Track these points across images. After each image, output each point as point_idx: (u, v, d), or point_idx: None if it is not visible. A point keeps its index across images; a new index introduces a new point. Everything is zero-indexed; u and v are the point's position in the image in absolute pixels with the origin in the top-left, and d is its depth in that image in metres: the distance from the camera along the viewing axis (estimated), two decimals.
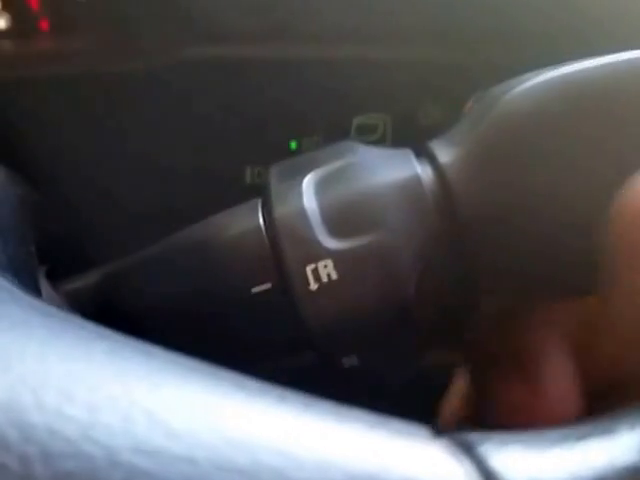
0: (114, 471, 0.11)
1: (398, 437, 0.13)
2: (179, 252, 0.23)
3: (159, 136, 0.34)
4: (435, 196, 0.21)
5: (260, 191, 0.23)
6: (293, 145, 0.34)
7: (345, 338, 0.21)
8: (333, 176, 0.22)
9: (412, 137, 0.26)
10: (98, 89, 0.33)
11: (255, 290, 0.21)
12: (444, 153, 0.21)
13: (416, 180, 0.21)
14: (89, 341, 0.14)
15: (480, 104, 0.22)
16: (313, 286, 0.20)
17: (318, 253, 0.20)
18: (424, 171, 0.21)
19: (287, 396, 0.14)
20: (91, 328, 0.15)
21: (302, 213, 0.21)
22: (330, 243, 0.20)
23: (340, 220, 0.21)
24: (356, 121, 0.35)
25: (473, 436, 0.14)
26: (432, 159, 0.22)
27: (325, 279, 0.20)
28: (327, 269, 0.20)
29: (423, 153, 0.22)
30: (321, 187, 0.21)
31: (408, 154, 0.22)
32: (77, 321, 0.15)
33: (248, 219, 0.22)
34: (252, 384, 0.14)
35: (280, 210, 0.21)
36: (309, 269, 0.20)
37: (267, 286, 0.21)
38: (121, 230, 0.34)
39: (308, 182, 0.22)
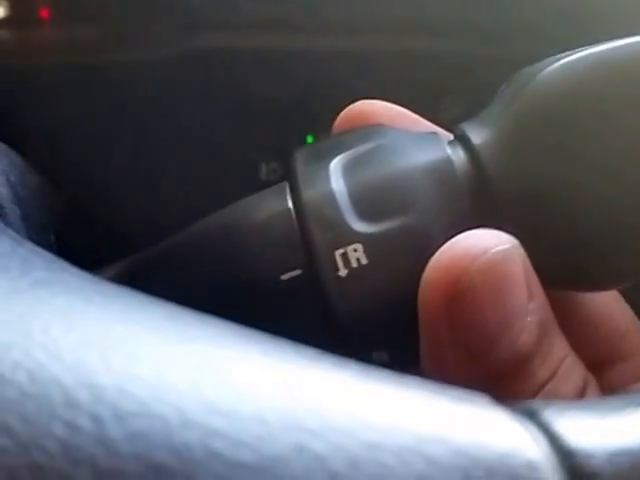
0: (188, 431, 0.11)
1: (462, 403, 0.13)
2: (205, 239, 0.22)
3: (167, 131, 0.33)
4: (468, 178, 0.20)
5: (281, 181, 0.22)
6: (310, 140, 0.34)
7: (375, 325, 0.20)
8: (362, 159, 0.21)
9: None
10: (99, 79, 0.33)
11: (285, 277, 0.20)
12: (477, 134, 0.21)
13: (448, 162, 0.21)
14: (146, 306, 0.14)
15: (514, 84, 0.22)
16: (342, 271, 0.20)
17: (347, 237, 0.20)
18: (455, 153, 0.21)
19: (347, 363, 0.14)
20: (143, 296, 0.15)
21: (331, 196, 0.20)
22: (360, 226, 0.20)
23: (370, 203, 0.20)
24: None
25: (534, 403, 0.13)
26: (464, 140, 0.21)
27: (355, 264, 0.20)
28: (357, 253, 0.20)
29: (454, 135, 0.22)
30: (349, 170, 0.21)
31: (438, 136, 0.22)
32: (129, 290, 0.15)
33: (276, 203, 0.21)
34: (309, 351, 0.14)
35: (308, 193, 0.20)
36: (338, 254, 0.20)
37: (297, 272, 0.20)
38: (134, 226, 0.34)
39: (335, 165, 0.21)
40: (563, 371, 0.19)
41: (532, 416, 0.13)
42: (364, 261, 0.20)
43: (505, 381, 0.18)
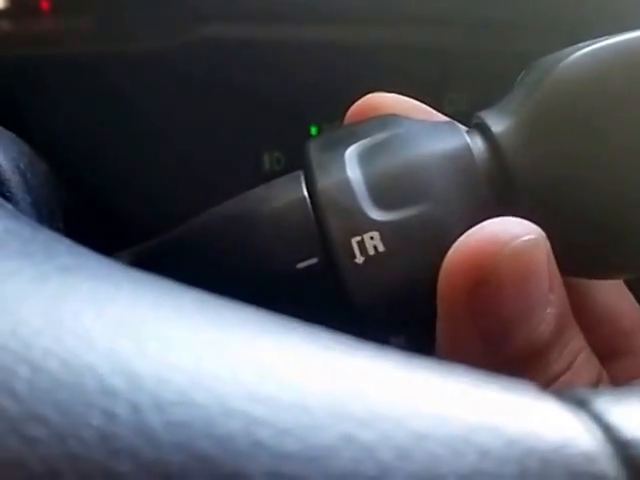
0: (230, 420, 0.10)
1: (510, 391, 0.12)
2: (218, 228, 0.22)
3: (169, 121, 0.33)
4: (487, 166, 0.20)
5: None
6: (314, 131, 0.33)
7: (392, 312, 0.20)
8: (378, 147, 0.21)
9: None
10: (99, 70, 0.32)
11: (301, 265, 0.20)
12: (496, 122, 0.21)
13: (466, 150, 0.20)
14: (176, 292, 0.13)
15: (534, 72, 0.21)
16: (359, 259, 0.19)
17: (364, 224, 0.20)
18: (474, 142, 0.21)
19: (387, 350, 0.13)
20: (171, 282, 0.14)
21: (347, 184, 0.20)
22: (376, 214, 0.20)
23: (386, 191, 0.20)
24: None
25: (583, 392, 0.13)
26: (483, 129, 0.21)
27: (372, 251, 0.19)
28: (373, 241, 0.19)
29: (472, 124, 0.22)
30: (365, 158, 0.21)
31: (456, 125, 0.21)
32: (155, 276, 0.14)
33: (291, 191, 0.21)
34: (347, 338, 0.13)
35: (323, 181, 0.20)
36: (355, 241, 0.19)
37: (313, 261, 0.20)
38: (136, 217, 0.33)
39: (351, 154, 0.21)
40: (578, 364, 0.19)
41: (583, 405, 0.12)
42: (381, 249, 0.19)
43: (520, 371, 0.18)
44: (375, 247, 0.19)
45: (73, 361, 0.11)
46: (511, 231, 0.18)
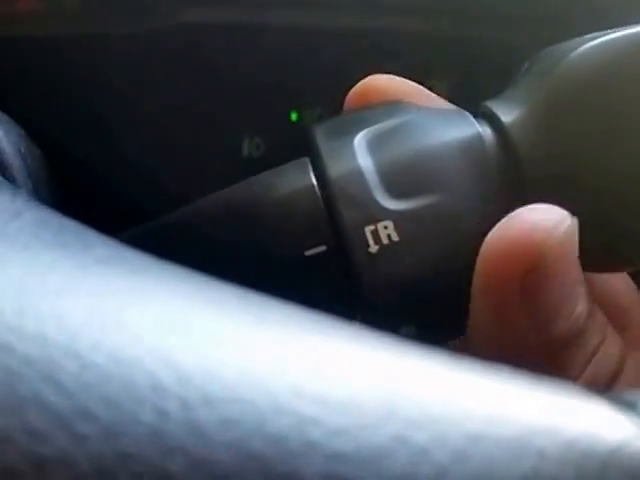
0: (281, 418, 0.10)
1: (560, 392, 0.12)
2: (222, 213, 0.21)
3: (152, 104, 0.32)
4: (498, 156, 0.20)
5: (257, 165, 0.22)
6: (294, 116, 0.33)
7: (406, 301, 0.20)
8: (388, 135, 0.21)
9: None
10: (83, 51, 0.32)
11: (309, 253, 0.20)
12: (506, 112, 0.20)
13: (478, 139, 0.20)
14: (215, 286, 0.13)
15: (542, 62, 0.21)
16: (373, 248, 0.19)
17: (377, 214, 0.19)
18: (484, 131, 0.20)
19: (432, 348, 0.13)
20: (205, 274, 0.14)
21: (358, 172, 0.20)
22: (389, 204, 0.19)
23: (399, 180, 0.20)
24: None
25: (630, 394, 0.13)
26: (492, 119, 0.21)
27: (386, 241, 0.19)
28: (387, 230, 0.19)
29: (480, 113, 0.21)
30: (375, 146, 0.20)
31: (465, 113, 0.21)
32: (190, 269, 0.14)
33: (298, 178, 0.21)
34: (389, 336, 0.13)
35: (334, 169, 0.20)
36: (368, 230, 0.19)
37: (322, 249, 0.20)
38: (119, 201, 0.33)
39: (360, 141, 0.21)
40: (608, 337, 0.19)
41: (632, 407, 0.12)
42: (395, 238, 0.19)
43: (563, 351, 0.19)
44: (389, 236, 0.19)
45: (121, 355, 0.10)
46: (553, 218, 0.18)
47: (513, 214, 0.18)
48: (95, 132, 0.32)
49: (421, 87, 0.23)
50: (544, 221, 0.18)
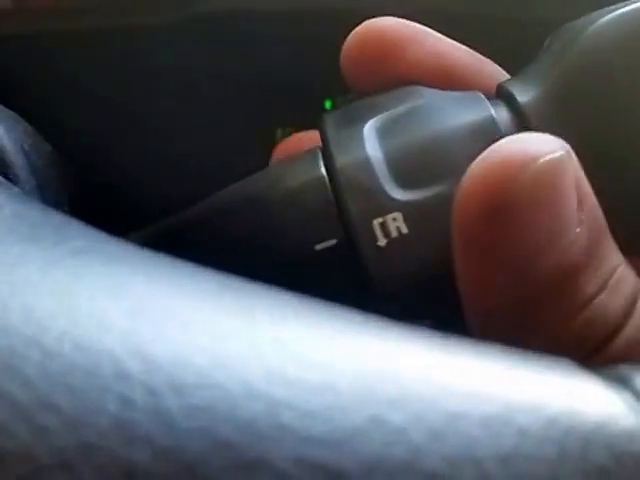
0: (253, 403, 0.10)
1: (547, 369, 0.12)
2: (233, 207, 0.21)
3: (180, 97, 0.32)
4: None
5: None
6: (328, 104, 0.32)
7: (417, 295, 0.19)
8: (398, 121, 0.20)
9: None
10: (102, 45, 0.31)
11: (319, 247, 0.19)
12: (522, 92, 0.20)
13: (491, 122, 0.19)
14: (194, 273, 0.13)
15: (560, 39, 0.20)
16: (382, 241, 0.18)
17: (386, 205, 0.19)
18: (499, 112, 0.20)
19: (415, 329, 0.12)
20: (188, 263, 0.13)
21: (366, 162, 0.19)
22: (398, 194, 0.19)
23: (408, 169, 0.19)
24: None
25: (624, 368, 0.12)
26: (508, 99, 0.20)
27: (395, 234, 0.18)
28: (396, 222, 0.18)
29: (496, 93, 0.21)
30: (385, 134, 0.20)
31: (479, 95, 0.20)
32: (172, 257, 0.14)
33: (308, 170, 0.20)
34: (372, 317, 0.13)
35: (341, 160, 0.19)
36: (376, 223, 0.18)
37: (332, 242, 0.19)
38: (146, 195, 0.32)
39: (369, 129, 0.20)
40: (613, 282, 0.17)
41: (625, 382, 0.12)
42: (404, 230, 0.18)
43: (551, 298, 0.16)
44: (398, 229, 0.19)
45: (88, 344, 0.10)
46: (531, 149, 0.16)
47: (492, 146, 0.16)
48: (122, 126, 0.32)
49: (426, 28, 0.22)
50: (519, 153, 0.16)
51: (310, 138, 0.22)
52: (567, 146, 0.16)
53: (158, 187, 0.33)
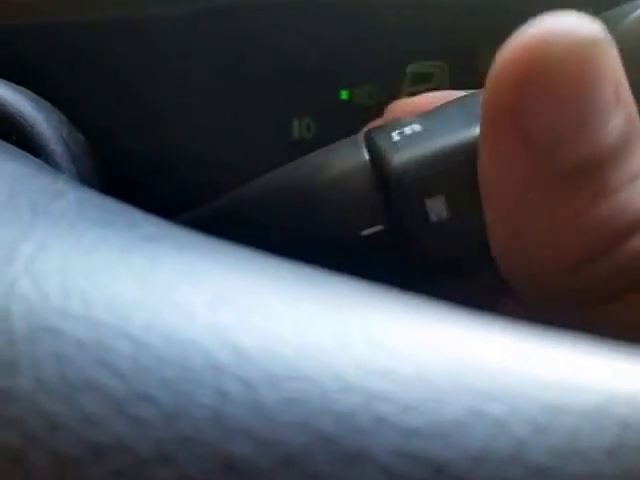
0: (348, 395, 0.09)
1: (628, 357, 0.11)
2: (275, 195, 0.21)
3: (195, 87, 0.31)
4: None
5: (309, 147, 0.21)
6: (344, 95, 0.32)
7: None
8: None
9: (470, 86, 0.24)
10: (118, 35, 0.31)
11: (365, 233, 0.19)
12: None
13: None
14: (269, 262, 0.12)
15: None
16: (433, 219, 0.19)
17: (435, 187, 0.19)
18: None
19: (492, 318, 0.12)
20: (258, 252, 0.13)
21: (417, 151, 0.19)
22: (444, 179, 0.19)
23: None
24: (410, 69, 0.33)
25: None
26: None
27: (445, 214, 0.19)
28: (442, 203, 0.19)
29: None
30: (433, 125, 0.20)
31: None
32: (239, 245, 0.13)
33: (351, 156, 0.20)
34: (448, 306, 0.12)
35: (394, 151, 0.19)
36: (429, 202, 0.19)
37: (378, 228, 0.19)
38: (166, 187, 0.32)
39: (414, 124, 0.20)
40: (639, 183, 0.16)
41: None
42: (452, 211, 0.19)
43: (577, 185, 0.16)
44: (448, 207, 0.19)
45: (175, 336, 0.10)
46: (568, 25, 0.15)
47: (536, 20, 0.16)
48: (141, 118, 0.31)
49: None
50: (555, 28, 0.15)
51: (419, 102, 0.22)
52: (608, 35, 0.16)
53: (178, 181, 0.32)
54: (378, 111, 0.27)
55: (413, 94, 0.28)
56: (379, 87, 0.32)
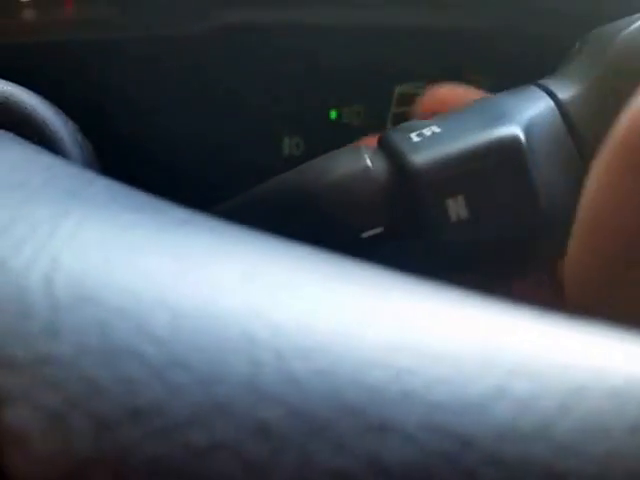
0: (376, 369, 0.10)
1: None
2: (279, 198, 0.22)
3: (189, 105, 0.32)
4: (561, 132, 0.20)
5: (298, 164, 0.22)
6: (333, 114, 0.33)
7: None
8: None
9: None
10: (125, 55, 0.32)
11: (365, 235, 0.20)
12: (562, 90, 0.21)
13: (554, 113, 0.21)
14: (289, 245, 0.13)
15: (594, 41, 0.21)
16: (454, 218, 0.19)
17: (453, 187, 0.20)
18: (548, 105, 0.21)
19: (514, 303, 0.12)
20: (282, 238, 0.14)
21: (436, 152, 0.20)
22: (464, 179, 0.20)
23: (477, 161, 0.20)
24: (398, 90, 0.34)
25: None
26: (551, 96, 0.21)
27: (464, 213, 0.20)
28: (461, 203, 0.20)
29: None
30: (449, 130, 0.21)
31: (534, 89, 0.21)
32: (263, 232, 0.14)
33: (354, 162, 0.21)
34: (467, 291, 0.12)
35: (412, 150, 0.20)
36: (449, 202, 0.20)
37: (378, 230, 0.20)
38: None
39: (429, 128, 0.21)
40: None
41: None
42: (470, 211, 0.19)
43: None
44: (467, 208, 0.19)
45: (212, 307, 0.10)
46: None
47: None
48: (132, 135, 0.32)
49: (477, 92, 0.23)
50: None
51: (452, 93, 0.23)
52: None
53: (171, 191, 0.33)
54: (365, 130, 0.27)
55: (400, 115, 0.29)
56: (367, 107, 0.33)
